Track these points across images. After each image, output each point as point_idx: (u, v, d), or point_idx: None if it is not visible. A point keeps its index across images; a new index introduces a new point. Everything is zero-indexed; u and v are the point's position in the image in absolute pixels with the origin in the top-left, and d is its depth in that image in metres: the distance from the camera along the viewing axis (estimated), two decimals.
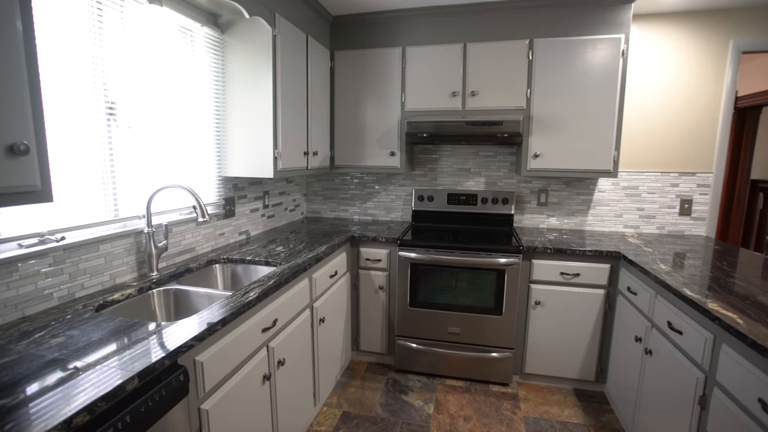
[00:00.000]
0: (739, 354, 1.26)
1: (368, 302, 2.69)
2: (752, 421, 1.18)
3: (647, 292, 1.91)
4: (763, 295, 1.56)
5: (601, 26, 2.44)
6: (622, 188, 2.87)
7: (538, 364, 2.50)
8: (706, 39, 2.65)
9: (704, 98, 2.71)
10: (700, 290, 1.61)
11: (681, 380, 1.56)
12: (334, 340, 2.37)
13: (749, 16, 2.58)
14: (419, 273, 2.53)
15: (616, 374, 2.23)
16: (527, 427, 2.16)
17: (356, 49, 2.79)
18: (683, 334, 1.57)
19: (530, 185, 2.99)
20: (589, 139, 2.52)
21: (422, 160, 3.15)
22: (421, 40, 2.69)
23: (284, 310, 1.72)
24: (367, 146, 2.86)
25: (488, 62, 2.58)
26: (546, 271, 2.39)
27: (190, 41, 1.98)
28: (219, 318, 1.26)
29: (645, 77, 2.75)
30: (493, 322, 2.47)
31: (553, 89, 2.53)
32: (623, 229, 2.91)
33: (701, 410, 1.44)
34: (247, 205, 2.52)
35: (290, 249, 2.21)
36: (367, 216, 3.31)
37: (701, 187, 2.78)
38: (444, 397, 2.41)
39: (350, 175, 3.30)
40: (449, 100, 2.67)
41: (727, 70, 2.65)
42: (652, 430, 1.78)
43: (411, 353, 2.62)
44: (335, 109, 2.89)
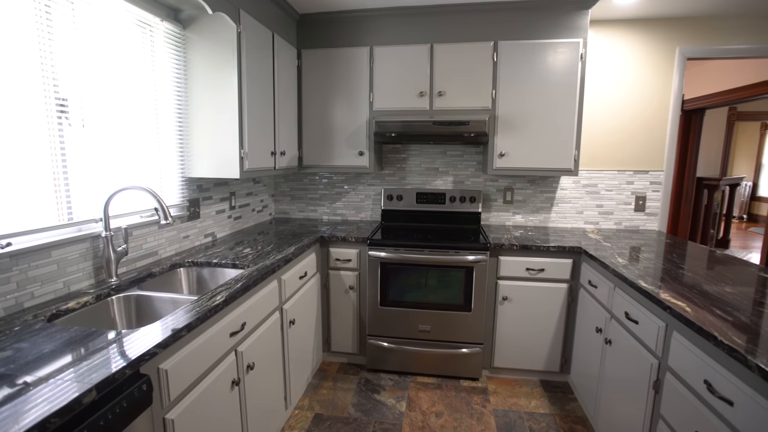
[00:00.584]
0: (688, 340, 1.35)
1: (339, 302, 2.68)
2: (699, 401, 1.26)
3: (606, 284, 2.00)
4: (708, 285, 1.67)
5: (560, 30, 2.54)
6: (583, 186, 3.00)
7: (507, 358, 2.57)
8: (655, 45, 2.81)
9: (655, 101, 2.87)
10: (653, 282, 1.71)
11: (637, 367, 1.65)
12: (304, 342, 2.35)
13: (693, 25, 2.76)
14: (389, 272, 2.54)
15: (579, 364, 2.33)
16: (497, 420, 2.21)
17: (324, 48, 2.77)
18: (639, 323, 1.66)
19: (496, 184, 3.07)
20: (551, 139, 2.62)
21: (391, 159, 3.17)
22: (388, 40, 2.70)
23: (253, 313, 1.69)
24: (336, 146, 2.85)
25: (455, 63, 2.63)
26: (512, 267, 2.46)
27: (149, 36, 1.90)
28: (184, 323, 1.22)
29: (602, 80, 2.88)
30: (462, 319, 2.51)
31: (517, 90, 2.60)
32: (584, 225, 3.04)
33: (655, 394, 1.52)
34: (213, 206, 2.45)
35: (258, 251, 2.17)
36: (337, 216, 3.30)
37: (654, 185, 2.95)
38: (416, 395, 2.44)
39: (319, 175, 3.27)
40: (417, 100, 2.69)
41: (675, 75, 2.82)
42: (612, 415, 1.87)
43: (382, 352, 2.63)
44: (303, 108, 2.85)
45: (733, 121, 6.25)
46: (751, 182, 9.00)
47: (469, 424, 2.18)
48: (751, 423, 1.06)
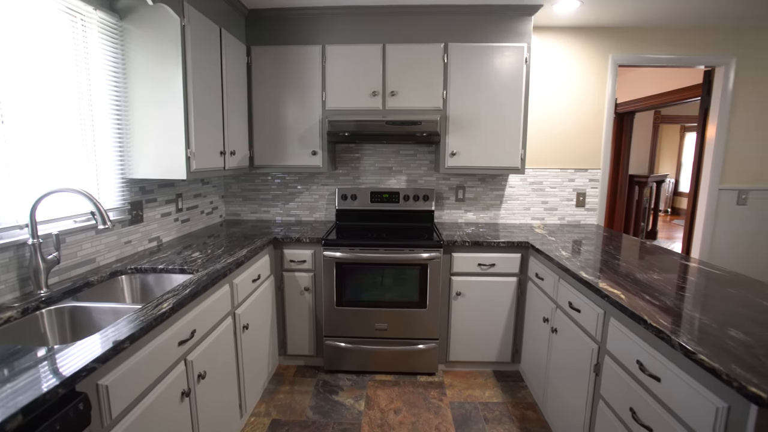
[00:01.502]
0: (623, 324, 1.46)
1: (294, 305, 2.63)
2: (632, 380, 1.38)
3: (552, 277, 2.12)
4: (639, 273, 1.82)
5: (507, 35, 2.65)
6: (529, 184, 3.16)
7: (461, 352, 2.65)
8: (591, 52, 3.02)
9: (592, 104, 3.08)
10: (593, 272, 1.83)
11: (580, 352, 1.76)
12: (259, 347, 2.28)
13: (623, 35, 2.99)
14: (345, 272, 2.53)
15: (529, 353, 2.45)
16: (453, 412, 2.28)
17: (275, 45, 2.70)
18: (581, 311, 1.78)
19: (449, 182, 3.15)
20: (499, 139, 2.73)
21: (345, 159, 3.16)
22: (341, 39, 2.68)
23: (203, 319, 1.62)
24: (288, 145, 2.79)
25: (407, 63, 2.67)
26: (465, 263, 2.54)
27: (80, 26, 1.76)
28: (126, 335, 1.14)
29: (546, 84, 3.05)
30: (418, 315, 2.56)
31: (467, 91, 2.69)
32: (531, 220, 3.20)
33: (596, 377, 1.64)
34: (158, 209, 2.31)
35: (208, 254, 2.08)
36: (291, 217, 3.23)
37: (592, 182, 3.16)
38: (374, 393, 2.45)
39: (271, 176, 3.19)
40: (370, 100, 2.70)
41: (608, 81, 3.04)
42: (559, 399, 1.99)
43: (340, 352, 2.62)
44: (253, 107, 2.77)
45: (658, 124, 6.84)
46: (674, 179, 9.91)
47: (426, 418, 2.22)
48: (675, 395, 1.17)
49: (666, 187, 9.83)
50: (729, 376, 0.97)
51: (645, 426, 1.29)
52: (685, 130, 9.44)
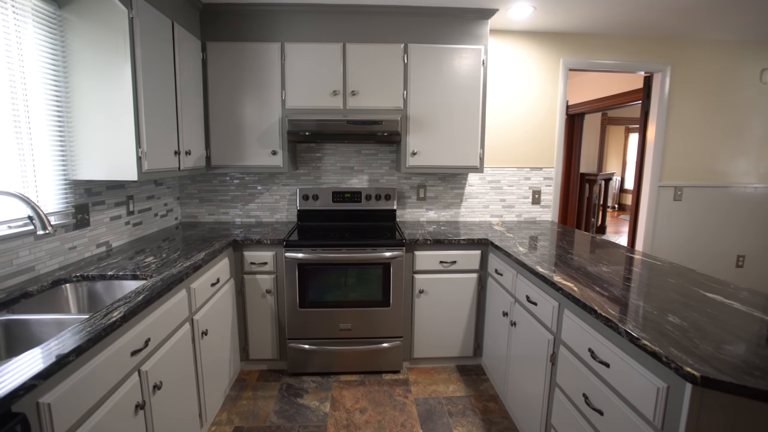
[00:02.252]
0: (576, 315, 1.54)
1: (256, 308, 2.57)
2: (585, 367, 1.46)
3: (510, 272, 2.20)
4: (590, 266, 1.92)
5: (464, 37, 2.72)
6: (488, 182, 3.25)
7: (425, 348, 2.69)
8: (545, 56, 3.15)
9: (546, 105, 3.22)
10: (548, 267, 1.92)
11: (537, 344, 1.84)
12: (220, 353, 2.21)
13: (572, 41, 3.15)
14: (307, 273, 2.50)
15: (490, 347, 2.53)
16: (418, 408, 2.31)
17: (231, 42, 2.62)
18: (538, 304, 1.86)
19: (410, 181, 3.19)
20: (458, 138, 2.79)
21: (306, 158, 3.12)
22: (300, 36, 2.65)
23: (158, 327, 1.54)
24: (247, 145, 2.72)
25: (367, 63, 2.67)
26: (427, 261, 2.58)
27: (11, 13, 1.62)
28: (72, 347, 1.07)
29: (503, 86, 3.15)
30: (382, 314, 2.57)
31: (427, 92, 2.73)
32: (490, 218, 3.30)
33: (552, 366, 1.72)
34: (106, 212, 2.18)
35: (163, 259, 1.98)
36: (251, 218, 3.15)
37: (546, 180, 3.31)
38: (339, 394, 2.44)
39: (230, 176, 3.10)
40: (331, 99, 2.69)
41: (560, 83, 3.19)
42: (518, 389, 2.06)
43: (304, 355, 2.58)
44: (210, 105, 2.67)
45: (605, 125, 7.25)
46: (620, 177, 10.56)
47: (392, 416, 2.24)
48: (622, 379, 1.25)
49: (613, 185, 10.46)
50: (668, 358, 1.05)
51: (596, 410, 1.36)
52: (629, 131, 10.10)
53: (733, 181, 3.54)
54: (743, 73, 3.39)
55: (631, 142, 10.06)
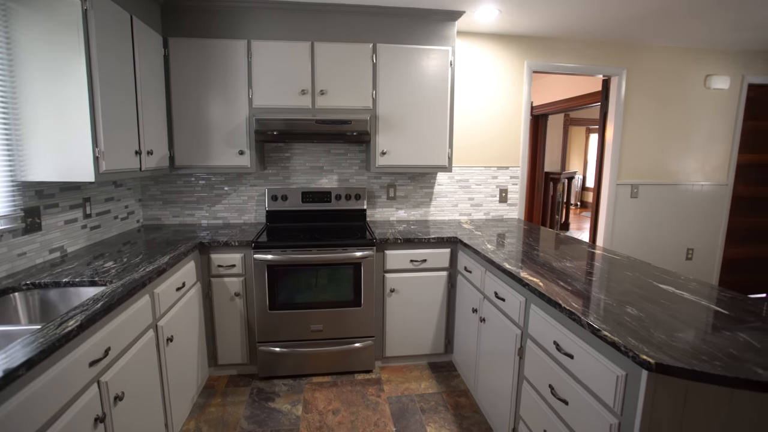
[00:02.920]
0: (541, 309, 1.60)
1: (224, 312, 2.50)
2: (551, 359, 1.51)
3: (479, 269, 2.25)
4: (555, 262, 2.00)
5: (433, 38, 2.75)
6: (457, 181, 3.31)
7: (397, 347, 2.71)
8: (510, 58, 3.24)
9: (512, 106, 3.31)
10: (515, 263, 1.97)
11: (505, 338, 1.89)
12: (186, 360, 2.14)
13: (536, 44, 3.25)
14: (277, 274, 2.46)
15: (460, 343, 2.58)
16: (391, 407, 2.32)
17: (195, 38, 2.54)
18: (506, 300, 1.91)
19: (380, 181, 3.20)
20: (427, 138, 2.82)
21: (274, 158, 3.06)
22: (267, 34, 2.60)
23: (119, 335, 1.48)
24: (213, 145, 2.64)
25: (336, 62, 2.65)
26: (398, 260, 2.60)
27: None
28: (22, 360, 1.01)
29: (471, 86, 3.21)
30: (353, 314, 2.57)
31: (396, 92, 2.75)
32: (459, 216, 3.36)
33: (520, 359, 1.77)
34: (60, 215, 2.06)
35: (124, 263, 1.90)
36: (217, 220, 3.07)
37: (513, 179, 3.40)
38: (312, 396, 2.41)
39: (195, 177, 3.00)
40: (299, 98, 2.65)
41: (524, 85, 3.29)
42: (488, 383, 2.11)
43: (275, 358, 2.54)
44: (173, 104, 2.58)
45: (567, 126, 7.53)
46: (582, 175, 11.00)
47: (365, 415, 2.24)
48: (585, 370, 1.30)
49: (575, 183, 10.88)
50: (626, 348, 1.10)
51: (562, 399, 1.42)
52: (589, 132, 10.53)
53: (683, 180, 3.76)
54: (690, 79, 3.60)
55: (592, 142, 10.51)
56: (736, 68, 3.66)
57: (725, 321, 1.29)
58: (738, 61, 3.65)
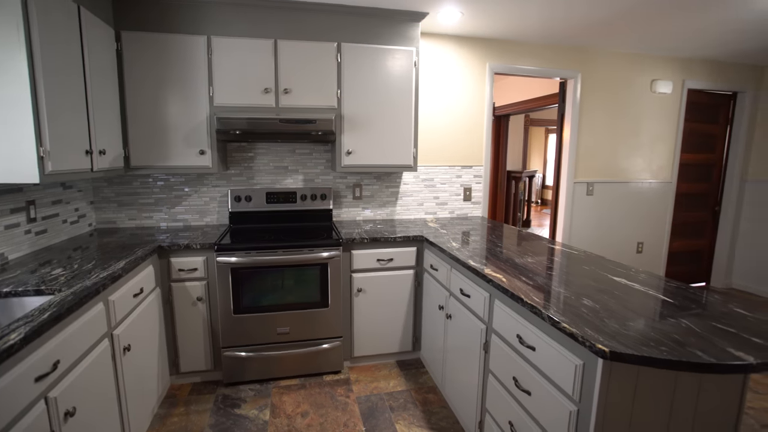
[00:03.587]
0: (505, 304, 1.65)
1: (186, 317, 2.41)
2: (514, 352, 1.56)
3: (445, 267, 2.29)
4: (517, 258, 2.06)
5: (397, 38, 2.77)
6: (422, 180, 3.35)
7: (365, 346, 2.71)
8: (473, 60, 3.31)
9: (475, 107, 3.39)
10: (480, 260, 2.02)
11: (471, 334, 1.94)
12: (145, 369, 2.04)
13: (497, 46, 3.35)
14: (242, 277, 2.40)
15: (428, 340, 2.61)
16: (360, 406, 2.32)
17: (150, 32, 2.43)
18: (471, 297, 1.95)
19: (346, 180, 3.19)
20: (392, 138, 2.84)
21: (237, 158, 2.98)
22: (228, 30, 2.52)
23: (70, 347, 1.39)
24: (172, 144, 2.54)
25: (300, 61, 2.62)
26: (364, 259, 2.60)
27: None
28: None
29: (435, 86, 3.26)
30: (320, 315, 2.55)
31: (361, 91, 2.74)
32: (424, 215, 3.40)
33: (485, 354, 1.82)
34: (0, 220, 1.92)
35: (74, 270, 1.79)
36: (178, 222, 2.95)
37: (476, 178, 3.48)
38: (279, 399, 2.37)
39: (153, 177, 2.87)
40: (262, 97, 2.60)
41: (486, 86, 3.37)
42: (456, 379, 2.16)
43: (240, 363, 2.48)
44: (127, 101, 2.45)
45: (528, 126, 7.79)
46: (542, 174, 11.43)
47: (334, 416, 2.23)
48: (546, 361, 1.36)
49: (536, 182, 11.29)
50: (583, 338, 1.16)
51: (525, 390, 1.47)
52: (548, 132, 10.96)
53: (633, 177, 3.99)
54: (638, 82, 3.83)
55: (551, 142, 10.94)
56: (677, 74, 3.92)
57: (670, 309, 1.38)
58: (679, 67, 3.92)
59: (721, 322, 1.27)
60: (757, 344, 1.12)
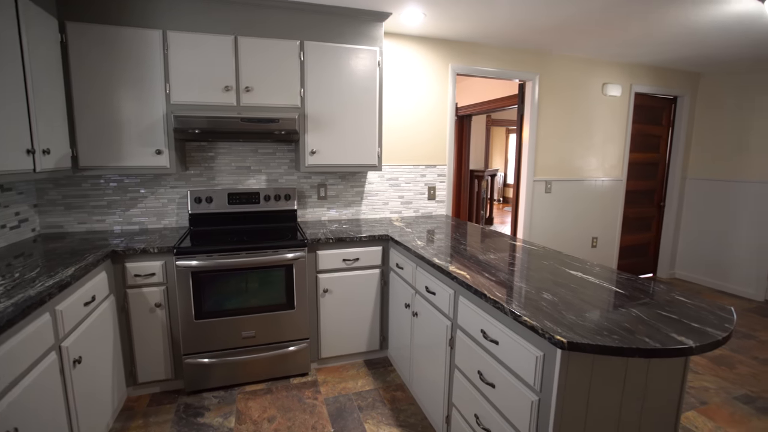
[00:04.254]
0: (469, 300, 1.69)
1: (143, 325, 2.30)
2: (478, 347, 1.61)
3: (410, 265, 2.31)
4: (480, 255, 2.12)
5: (361, 38, 2.77)
6: (387, 180, 3.37)
7: (333, 347, 2.70)
8: (436, 60, 3.37)
9: (438, 107, 3.44)
10: (444, 258, 2.06)
11: (437, 331, 1.97)
12: (99, 382, 1.93)
13: (459, 48, 3.42)
14: (203, 281, 2.33)
15: (395, 338, 2.63)
16: (328, 408, 2.31)
17: (100, 24, 2.29)
18: (436, 294, 1.99)
19: (310, 180, 3.15)
20: (357, 137, 2.84)
21: (196, 158, 2.88)
22: (185, 25, 2.42)
23: (11, 362, 1.29)
24: (126, 143, 2.41)
25: (262, 59, 2.56)
26: (330, 260, 2.59)
27: None
28: None
29: (399, 86, 3.29)
30: (286, 317, 2.51)
31: (325, 90, 2.72)
32: (390, 214, 3.42)
33: (451, 350, 1.86)
34: None
35: (15, 279, 1.67)
36: (133, 225, 2.81)
37: (440, 177, 3.54)
38: (245, 405, 2.32)
39: (105, 178, 2.72)
40: (223, 95, 2.52)
41: (449, 87, 3.44)
42: (423, 375, 2.19)
43: (203, 370, 2.40)
44: (75, 97, 2.31)
45: (489, 126, 8.01)
46: (503, 173, 11.79)
47: (302, 419, 2.21)
48: (509, 354, 1.40)
49: (498, 180, 11.62)
50: (543, 330, 1.21)
51: (489, 383, 1.52)
52: (509, 132, 11.31)
53: (587, 176, 4.20)
54: (590, 86, 4.03)
55: (511, 141, 11.30)
56: (625, 78, 4.17)
57: (621, 299, 1.47)
58: (627, 72, 4.16)
59: (666, 310, 1.37)
60: (696, 329, 1.22)
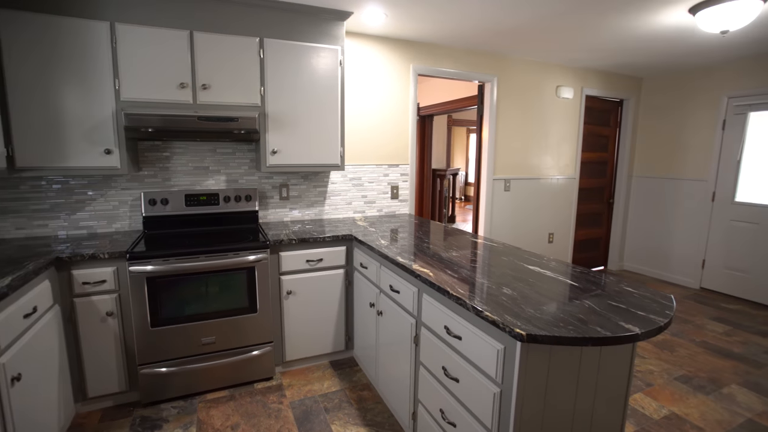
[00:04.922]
0: (432, 298, 1.72)
1: (93, 336, 2.17)
2: (442, 342, 1.64)
3: (374, 264, 2.32)
4: (443, 252, 2.16)
5: (322, 36, 2.74)
6: (350, 179, 3.36)
7: (298, 349, 2.66)
8: (398, 61, 3.39)
9: (400, 107, 3.47)
10: (408, 256, 2.09)
11: (402, 328, 1.99)
12: (42, 400, 1.80)
13: (419, 49, 3.47)
14: (159, 287, 2.22)
15: (360, 338, 2.63)
16: (294, 411, 2.28)
17: (38, 13, 2.12)
18: (400, 292, 2.01)
19: (272, 181, 3.09)
20: (319, 137, 2.81)
21: (150, 158, 2.75)
22: (136, 18, 2.30)
23: None
24: (70, 142, 2.26)
25: (220, 55, 2.48)
26: (293, 261, 2.55)
27: None
28: None
29: (361, 86, 3.28)
30: (249, 321, 2.45)
31: (286, 89, 2.67)
32: (353, 214, 3.42)
33: (416, 347, 1.88)
34: None
35: None
36: (80, 230, 2.64)
37: (403, 176, 3.58)
38: (207, 414, 2.24)
39: (46, 180, 2.53)
40: (178, 92, 2.42)
41: (411, 87, 3.48)
42: (389, 373, 2.20)
43: (161, 379, 2.29)
44: (9, 92, 2.13)
45: (451, 126, 8.17)
46: (465, 172, 12.08)
47: (267, 425, 2.16)
48: (472, 348, 1.44)
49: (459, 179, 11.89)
50: (503, 324, 1.25)
51: (453, 378, 1.55)
52: (469, 132, 11.59)
53: (543, 174, 4.39)
54: (545, 88, 4.21)
55: (472, 141, 11.58)
56: (577, 81, 4.39)
57: (576, 292, 1.55)
58: (578, 75, 4.38)
59: (615, 300, 1.45)
60: (642, 317, 1.30)
